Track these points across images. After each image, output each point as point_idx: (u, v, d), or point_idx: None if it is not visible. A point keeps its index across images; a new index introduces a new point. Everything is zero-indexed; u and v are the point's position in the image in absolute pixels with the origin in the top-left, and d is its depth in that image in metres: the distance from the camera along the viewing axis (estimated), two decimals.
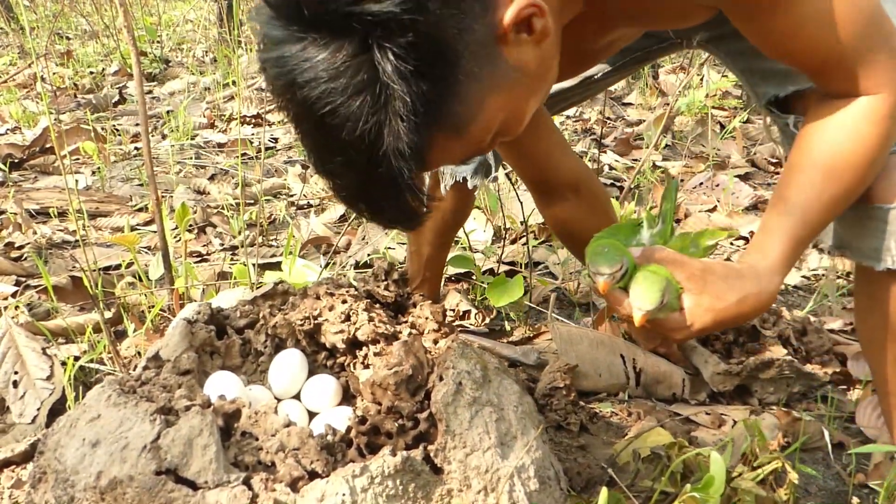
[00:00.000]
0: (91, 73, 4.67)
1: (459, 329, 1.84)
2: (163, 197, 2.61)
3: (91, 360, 1.60)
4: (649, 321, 0.99)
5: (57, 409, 1.47)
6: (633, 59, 1.40)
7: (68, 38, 5.96)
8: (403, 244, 2.18)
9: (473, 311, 1.90)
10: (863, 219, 1.10)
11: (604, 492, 0.96)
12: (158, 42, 5.38)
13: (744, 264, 1.02)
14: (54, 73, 4.54)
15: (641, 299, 0.97)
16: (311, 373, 1.20)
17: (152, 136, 3.52)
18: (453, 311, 1.89)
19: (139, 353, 1.64)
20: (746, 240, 2.36)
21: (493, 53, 0.81)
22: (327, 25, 0.75)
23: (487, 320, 1.88)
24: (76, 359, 1.56)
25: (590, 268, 1.01)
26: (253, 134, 3.51)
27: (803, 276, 2.16)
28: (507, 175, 2.37)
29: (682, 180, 2.88)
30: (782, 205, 1.03)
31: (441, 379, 1.00)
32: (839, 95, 1.01)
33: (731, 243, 2.40)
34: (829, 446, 1.41)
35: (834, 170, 1.01)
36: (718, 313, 0.98)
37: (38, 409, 1.49)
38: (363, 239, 2.34)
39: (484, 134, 0.87)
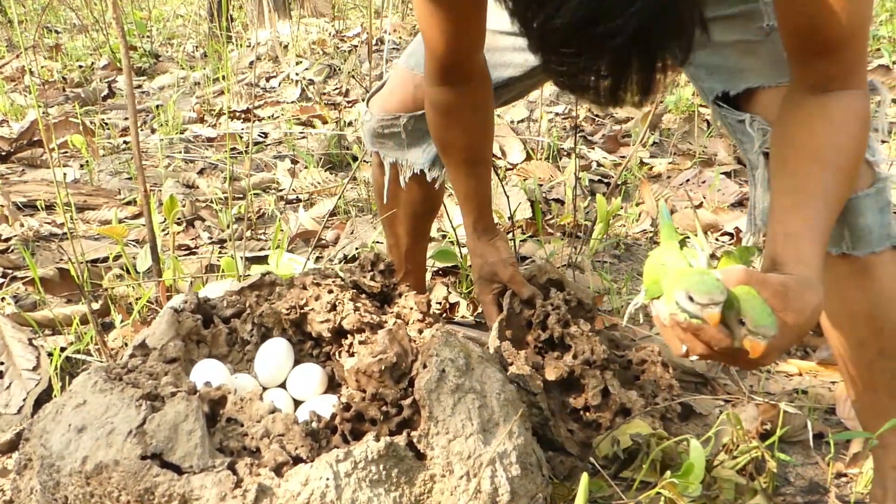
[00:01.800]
0: (80, 66, 4.65)
1: (445, 319, 1.86)
2: (151, 190, 2.61)
3: (77, 351, 1.61)
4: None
5: (43, 400, 1.47)
6: None
7: (57, 32, 5.94)
8: None
9: (464, 302, 1.91)
10: None
11: (584, 477, 0.97)
12: (148, 37, 5.36)
13: (798, 276, 0.96)
14: (43, 67, 4.53)
15: (763, 326, 0.84)
16: (296, 362, 1.21)
17: (141, 130, 3.52)
18: (440, 303, 1.91)
19: (126, 344, 1.65)
20: (731, 235, 2.39)
21: None
22: None
23: (479, 310, 1.90)
24: (62, 350, 1.56)
25: (692, 299, 0.86)
26: (243, 129, 3.51)
27: None
28: (494, 171, 2.38)
29: (668, 177, 2.91)
30: (806, 211, 1.00)
31: (425, 366, 1.02)
32: (826, 83, 1.01)
33: (717, 239, 2.42)
34: (810, 436, 1.44)
35: (840, 170, 1.01)
36: (801, 328, 0.93)
37: (24, 400, 1.49)
38: (351, 233, 2.35)
39: None
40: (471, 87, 1.35)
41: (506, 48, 1.40)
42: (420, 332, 1.20)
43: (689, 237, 1.02)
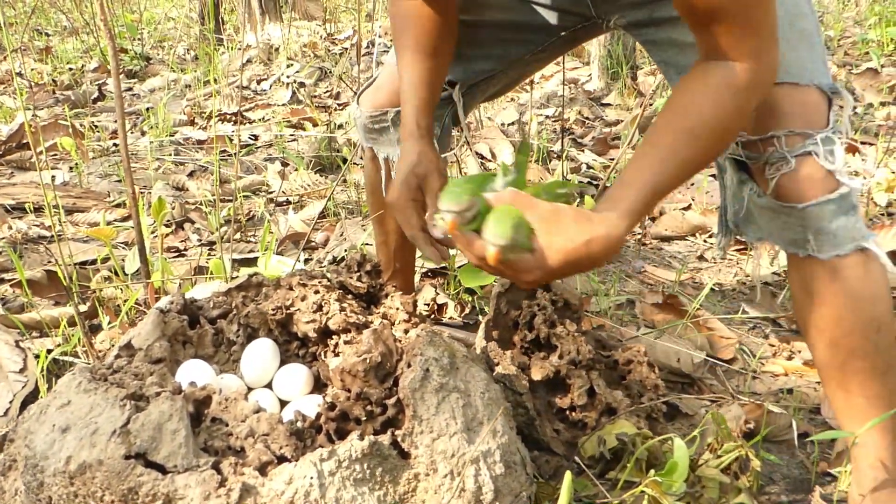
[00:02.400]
0: (70, 69, 4.64)
1: (433, 321, 1.86)
2: (141, 193, 2.61)
3: (64, 353, 1.61)
4: (502, 262, 0.98)
5: (29, 402, 1.47)
6: (560, 38, 1.40)
7: (47, 35, 5.93)
8: None
9: (451, 303, 1.92)
10: (780, 215, 1.14)
11: (567, 476, 0.98)
12: (139, 39, 5.35)
13: (592, 210, 1.05)
14: (32, 70, 4.52)
15: (493, 234, 0.96)
16: (282, 362, 1.21)
17: (132, 132, 3.51)
18: (427, 305, 1.91)
19: (113, 346, 1.65)
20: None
21: None
22: None
23: (466, 311, 1.90)
24: (49, 352, 1.56)
25: (440, 208, 1.00)
26: (232, 131, 3.51)
27: (774, 273, 2.20)
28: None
29: None
30: (640, 161, 1.05)
31: (409, 366, 1.02)
32: (712, 53, 1.04)
33: (705, 241, 2.43)
34: (795, 435, 1.45)
35: (693, 133, 1.04)
36: (569, 254, 0.99)
37: (11, 402, 1.49)
38: (341, 235, 2.36)
39: None
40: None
41: (486, 40, 1.40)
42: (406, 332, 1.20)
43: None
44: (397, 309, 1.25)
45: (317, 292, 1.24)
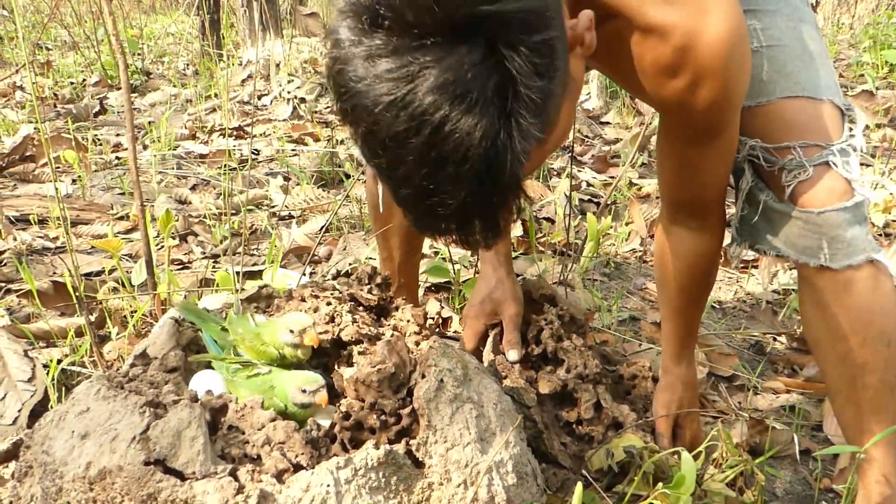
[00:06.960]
0: (71, 83, 4.66)
1: (438, 334, 1.87)
2: (144, 206, 2.61)
3: (73, 363, 1.61)
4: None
5: (38, 411, 1.48)
6: None
7: (48, 49, 5.95)
8: None
9: (455, 317, 1.93)
10: (796, 221, 1.16)
11: (578, 487, 0.99)
12: (139, 54, 5.38)
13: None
14: (34, 83, 4.53)
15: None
16: None
17: None
18: (433, 318, 1.92)
19: (121, 357, 1.65)
20: None
21: (567, 58, 0.82)
22: (448, 30, 0.71)
23: None
24: (58, 361, 1.57)
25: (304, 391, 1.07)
26: (235, 146, 3.53)
27: (774, 291, 2.22)
28: None
29: (656, 198, 2.94)
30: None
31: (423, 376, 1.03)
32: (684, 220, 1.30)
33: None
34: (798, 452, 1.46)
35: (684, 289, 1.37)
36: None
37: (20, 411, 1.49)
38: (344, 249, 2.37)
39: (557, 141, 0.87)
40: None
41: None
42: (417, 344, 1.22)
43: None
44: (408, 321, 1.26)
45: (329, 304, 1.25)
